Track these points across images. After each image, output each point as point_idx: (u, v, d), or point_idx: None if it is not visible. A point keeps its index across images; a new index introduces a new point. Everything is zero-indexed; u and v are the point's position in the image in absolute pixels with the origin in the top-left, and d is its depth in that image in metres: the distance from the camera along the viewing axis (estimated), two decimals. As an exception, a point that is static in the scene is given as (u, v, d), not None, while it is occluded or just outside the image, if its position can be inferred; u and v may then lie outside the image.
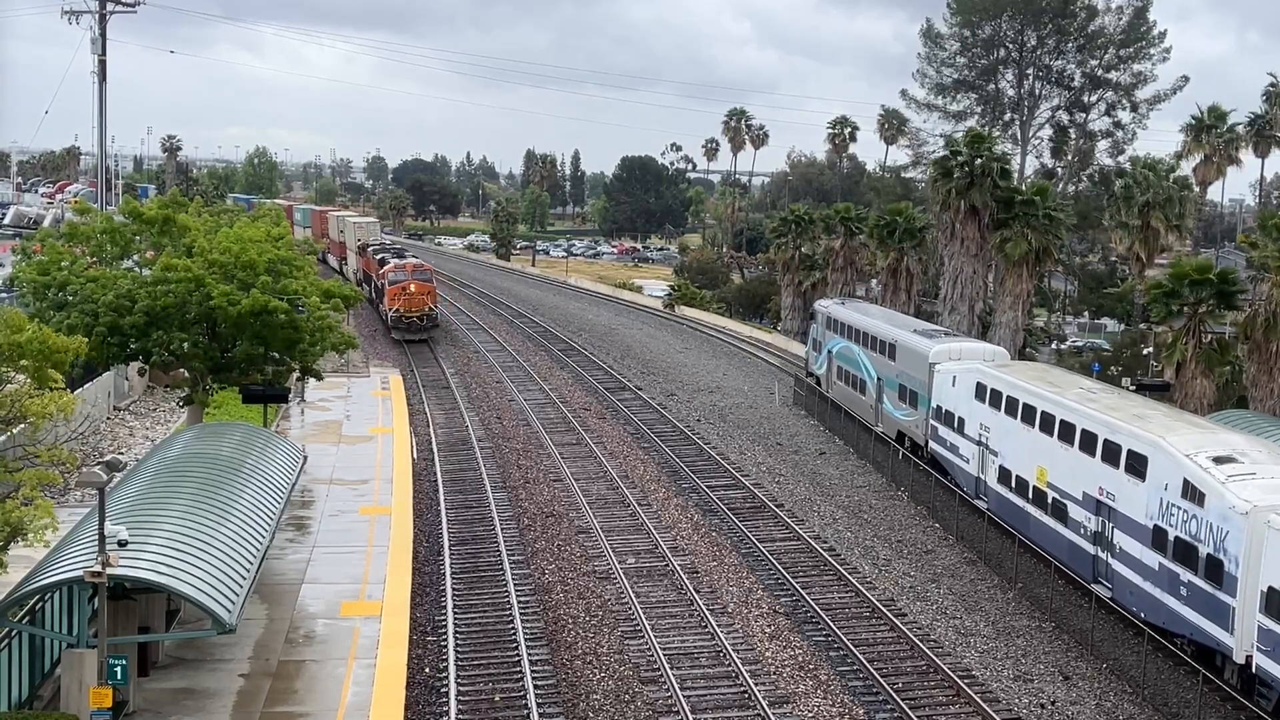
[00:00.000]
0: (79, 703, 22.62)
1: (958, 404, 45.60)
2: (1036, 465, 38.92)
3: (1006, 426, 41.29)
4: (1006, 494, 40.97)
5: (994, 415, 42.25)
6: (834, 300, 70.67)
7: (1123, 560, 33.61)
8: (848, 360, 60.25)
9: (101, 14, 74.09)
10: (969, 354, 48.72)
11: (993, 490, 42.05)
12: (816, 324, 66.90)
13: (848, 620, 34.50)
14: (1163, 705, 29.62)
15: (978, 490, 43.33)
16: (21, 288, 42.11)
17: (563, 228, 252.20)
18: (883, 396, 54.95)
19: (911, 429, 51.35)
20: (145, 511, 25.51)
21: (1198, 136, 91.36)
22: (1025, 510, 39.52)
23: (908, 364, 51.79)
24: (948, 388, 46.71)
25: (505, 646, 31.97)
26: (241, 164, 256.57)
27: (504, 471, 49.91)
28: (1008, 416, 41.16)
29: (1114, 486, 34.20)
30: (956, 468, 45.51)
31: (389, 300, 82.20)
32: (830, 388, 63.25)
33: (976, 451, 43.48)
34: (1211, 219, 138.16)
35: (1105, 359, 78.18)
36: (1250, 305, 48.96)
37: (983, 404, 43.21)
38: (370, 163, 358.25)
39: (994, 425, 42.27)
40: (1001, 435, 41.70)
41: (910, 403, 51.41)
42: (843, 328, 61.59)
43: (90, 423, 43.30)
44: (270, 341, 41.52)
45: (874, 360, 56.27)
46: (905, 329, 55.33)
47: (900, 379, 52.64)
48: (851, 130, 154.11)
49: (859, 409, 57.79)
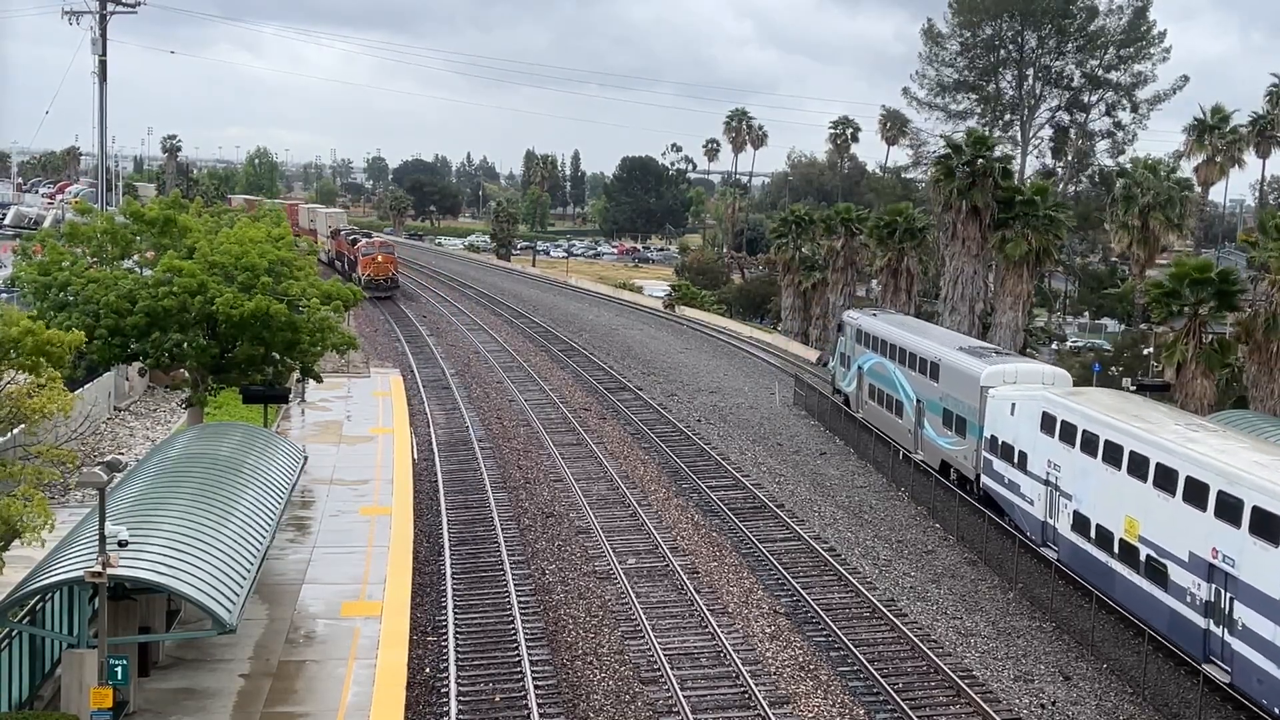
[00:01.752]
0: (79, 703, 22.61)
1: (1018, 435, 40.46)
2: (1124, 514, 33.39)
3: (1083, 466, 35.82)
4: (1083, 545, 35.59)
5: (1066, 452, 36.92)
6: (865, 311, 65.10)
7: (1247, 640, 28.12)
8: (881, 379, 55.62)
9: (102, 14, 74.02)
10: (1026, 376, 43.88)
11: (1065, 539, 36.82)
12: (844, 337, 62.10)
13: (848, 620, 34.50)
14: (1163, 706, 29.61)
15: (1045, 537, 38.17)
16: (22, 288, 42.10)
17: (563, 228, 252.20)
18: (923, 421, 50.02)
19: (958, 460, 46.32)
20: (146, 512, 25.50)
21: (1200, 137, 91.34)
22: (1108, 566, 34.10)
23: (954, 386, 46.88)
24: (1004, 416, 41.65)
25: (506, 647, 31.98)
26: (242, 164, 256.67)
27: (504, 471, 49.91)
28: (1084, 454, 35.75)
29: (1233, 549, 28.69)
30: (1017, 509, 40.25)
31: (362, 268, 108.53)
32: (860, 407, 58.61)
33: (1043, 492, 38.31)
34: (1212, 219, 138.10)
35: (1106, 359, 78.19)
36: (1251, 305, 48.94)
37: (1051, 437, 37.96)
38: (370, 163, 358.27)
39: (1066, 464, 36.93)
40: (1076, 476, 36.30)
41: (957, 430, 46.39)
42: (875, 342, 56.90)
43: (90, 423, 43.35)
44: (270, 342, 41.52)
45: (912, 380, 51.45)
46: (949, 345, 50.16)
47: (944, 403, 47.65)
48: (853, 131, 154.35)
49: (894, 433, 53.01)
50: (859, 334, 59.25)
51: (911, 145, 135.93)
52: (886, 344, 55.30)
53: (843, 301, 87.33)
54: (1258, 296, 48.59)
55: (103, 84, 74.10)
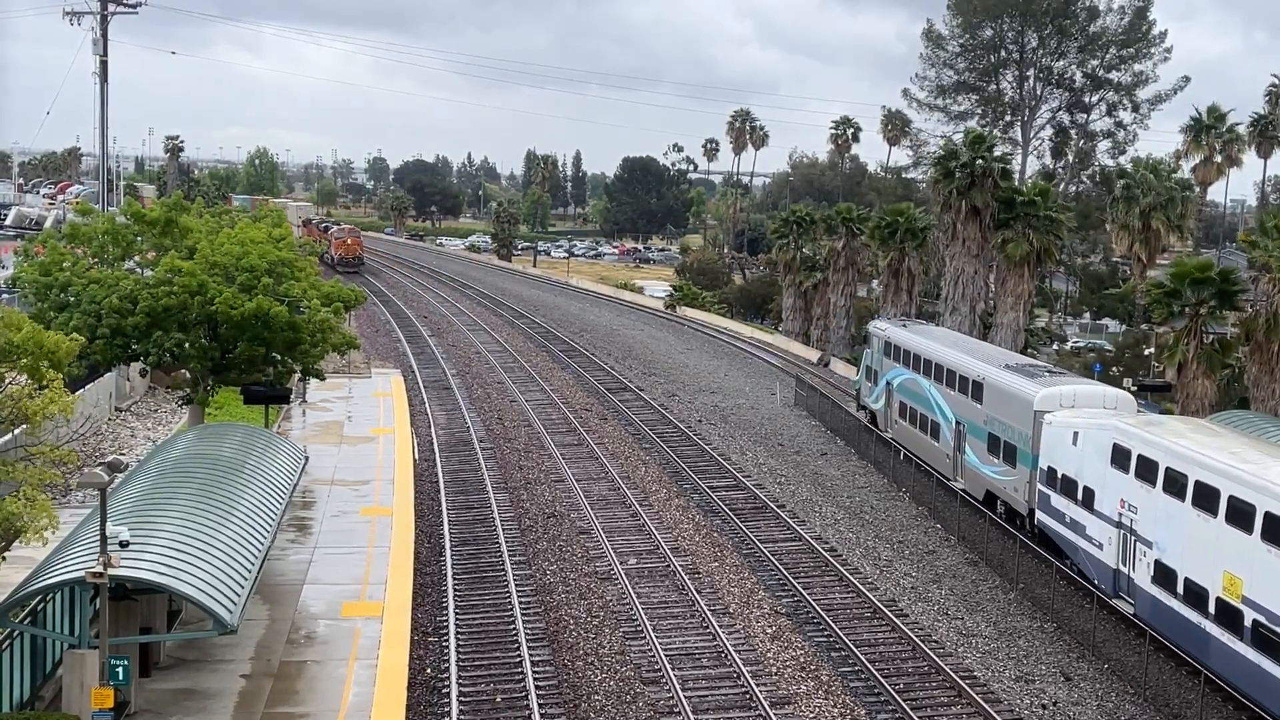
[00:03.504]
0: (80, 703, 22.60)
1: (1082, 468, 36.09)
2: (1222, 570, 28.83)
3: (1166, 509, 31.30)
4: (1168, 601, 31.04)
5: (1144, 491, 32.41)
6: (893, 321, 60.75)
7: None
8: (914, 396, 51.52)
9: (103, 15, 74.06)
10: (1086, 399, 40.01)
11: (1144, 592, 32.37)
12: (871, 349, 58.15)
13: (849, 621, 34.50)
14: (1164, 706, 29.60)
15: (1117, 586, 33.81)
16: (23, 288, 42.12)
17: (564, 228, 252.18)
18: (964, 446, 45.93)
19: (1008, 492, 42.15)
20: (147, 512, 25.50)
21: (1197, 137, 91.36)
22: (1202, 629, 29.54)
23: (1001, 408, 42.90)
24: (1065, 446, 37.27)
25: (507, 647, 31.98)
26: (243, 165, 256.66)
27: (505, 472, 49.91)
28: (1168, 496, 31.21)
29: None
30: (1081, 552, 35.99)
31: (335, 249, 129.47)
32: (890, 426, 54.41)
33: (1115, 536, 33.94)
34: (1213, 219, 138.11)
35: (1107, 360, 78.19)
36: (1252, 305, 48.93)
37: (1124, 473, 33.47)
38: (371, 163, 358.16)
39: (1145, 505, 32.38)
40: (1159, 520, 31.69)
41: (1005, 458, 42.19)
42: (907, 356, 52.74)
43: (91, 423, 43.30)
44: (271, 342, 41.53)
45: (951, 400, 47.42)
46: (994, 364, 45.80)
47: (989, 426, 43.59)
48: (854, 131, 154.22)
49: (930, 457, 48.86)
50: (888, 347, 55.48)
51: (912, 146, 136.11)
52: (920, 359, 51.33)
53: (844, 302, 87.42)
54: (1258, 296, 48.58)
55: (104, 84, 74.14)
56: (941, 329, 61.53)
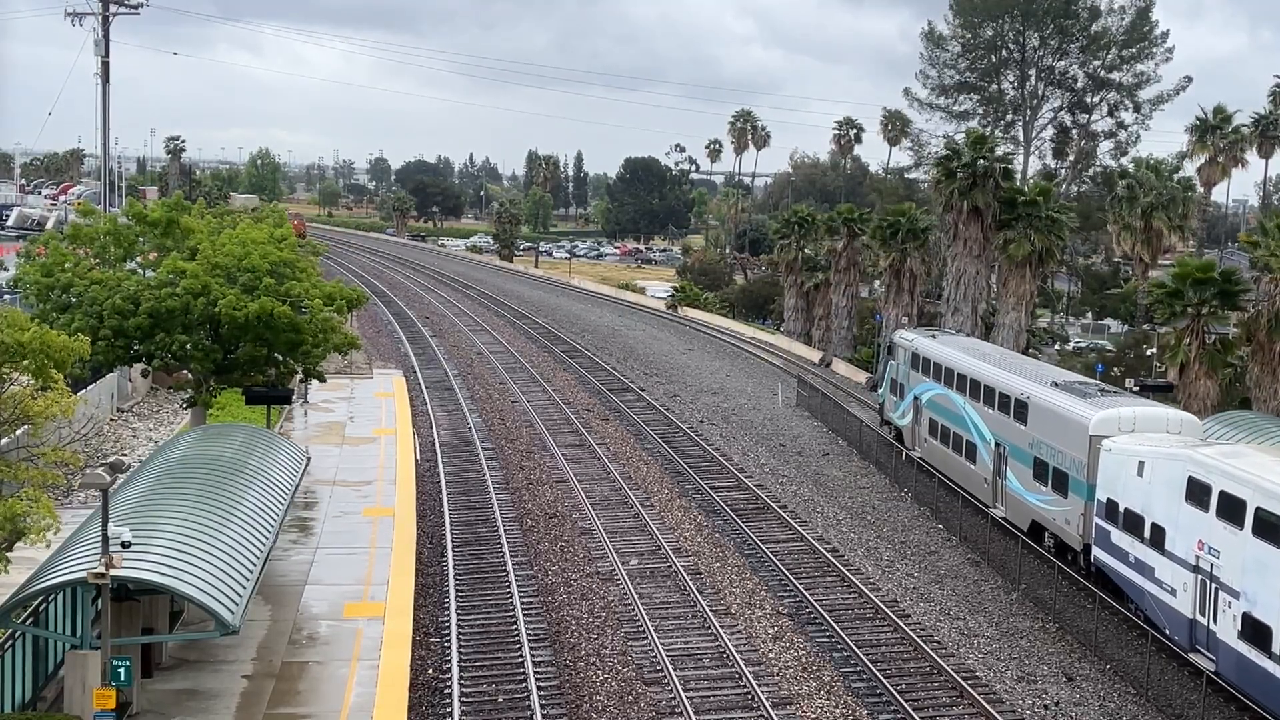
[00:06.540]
0: (82, 704, 22.60)
1: (1149, 502, 32.29)
2: None
3: (1258, 556, 27.35)
4: (1260, 661, 27.03)
5: (1229, 534, 28.44)
6: (921, 331, 57.46)
7: None
8: (945, 413, 47.92)
9: (105, 15, 74.06)
10: (1147, 423, 36.03)
11: (1228, 648, 28.47)
12: (895, 360, 54.81)
13: (851, 621, 34.49)
14: (1166, 706, 29.58)
15: (1194, 639, 30.04)
16: (25, 289, 42.15)
17: (566, 229, 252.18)
18: (1005, 470, 42.24)
19: (1058, 524, 38.31)
20: (148, 513, 25.52)
21: (1202, 137, 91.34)
22: None
23: (1049, 431, 39.14)
24: (1128, 476, 33.52)
25: (508, 648, 31.99)
26: (244, 166, 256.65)
27: (507, 473, 49.92)
28: (1261, 541, 27.23)
29: None
30: (1148, 596, 32.22)
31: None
32: (918, 445, 50.97)
33: (1191, 581, 30.10)
34: (1215, 219, 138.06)
35: (1109, 360, 78.13)
36: (1254, 305, 48.89)
37: (1203, 511, 29.54)
38: (373, 164, 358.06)
39: (1230, 549, 28.46)
40: (1249, 568, 27.74)
41: (1055, 486, 38.36)
42: (937, 369, 49.19)
43: (93, 424, 43.34)
44: (273, 343, 41.56)
45: (989, 419, 43.63)
46: (1039, 380, 41.94)
47: (1036, 450, 39.80)
48: (856, 131, 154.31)
49: (967, 481, 45.16)
50: (915, 359, 51.99)
51: (913, 146, 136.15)
52: (953, 373, 47.58)
53: (845, 302, 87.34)
54: (1260, 296, 48.55)
55: (105, 85, 74.13)
56: (972, 339, 57.65)
